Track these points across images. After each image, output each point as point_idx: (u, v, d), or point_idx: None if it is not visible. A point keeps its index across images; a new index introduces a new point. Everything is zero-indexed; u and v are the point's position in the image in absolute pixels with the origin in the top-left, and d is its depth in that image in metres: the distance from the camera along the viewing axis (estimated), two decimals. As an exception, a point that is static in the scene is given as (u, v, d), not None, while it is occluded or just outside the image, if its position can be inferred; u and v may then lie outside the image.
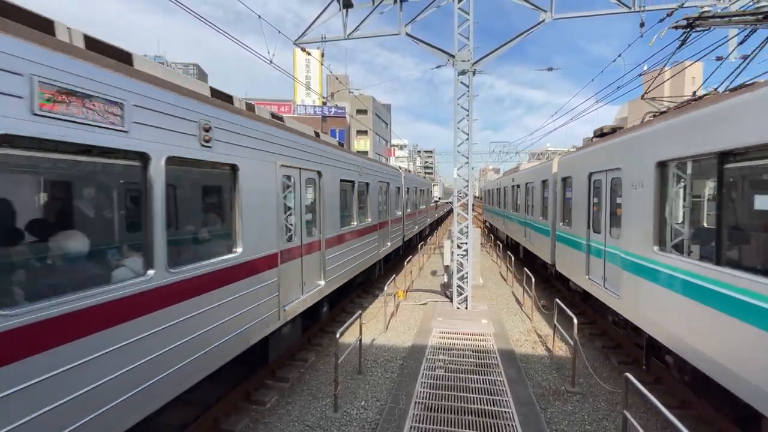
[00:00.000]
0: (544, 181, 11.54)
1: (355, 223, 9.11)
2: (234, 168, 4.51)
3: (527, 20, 8.97)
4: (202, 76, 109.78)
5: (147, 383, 3.27)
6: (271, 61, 8.35)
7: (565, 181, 9.44)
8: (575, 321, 6.03)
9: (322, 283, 7.08)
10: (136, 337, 3.17)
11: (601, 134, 8.19)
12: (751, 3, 7.64)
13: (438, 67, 10.02)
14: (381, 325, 8.69)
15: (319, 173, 6.99)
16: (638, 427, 3.78)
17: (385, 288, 8.97)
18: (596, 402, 5.55)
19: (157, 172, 3.40)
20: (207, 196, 4.55)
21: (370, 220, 10.33)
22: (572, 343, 6.05)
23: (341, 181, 8.09)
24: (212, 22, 6.58)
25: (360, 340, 6.62)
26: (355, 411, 5.34)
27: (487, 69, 10.05)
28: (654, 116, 6.07)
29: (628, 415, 3.96)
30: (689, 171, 4.72)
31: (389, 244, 12.72)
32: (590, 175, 7.72)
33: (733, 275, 3.76)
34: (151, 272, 3.33)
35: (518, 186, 15.52)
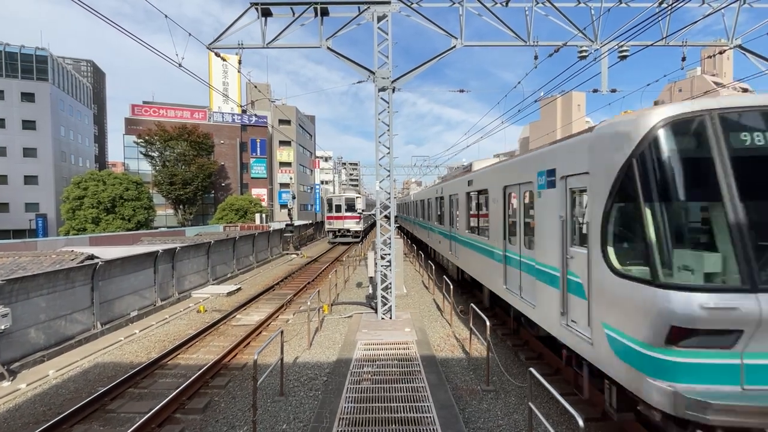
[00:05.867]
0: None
1: None
2: None
3: (444, 45, 9.69)
4: (98, 74, 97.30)
5: None
6: (180, 65, 7.75)
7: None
8: (488, 324, 6.50)
9: None
10: None
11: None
12: (616, 47, 9.22)
13: (359, 82, 10.24)
14: (305, 342, 8.41)
15: None
16: (541, 417, 4.17)
17: (309, 302, 8.73)
18: (507, 397, 6.00)
19: None
20: None
21: None
22: (486, 344, 6.50)
23: None
24: (115, 17, 5.92)
25: (281, 360, 6.32)
26: (276, 436, 5.05)
27: (409, 87, 10.62)
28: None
29: (533, 407, 4.34)
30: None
31: None
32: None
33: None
34: None
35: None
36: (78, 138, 53.29)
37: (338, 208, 30.88)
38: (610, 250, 3.97)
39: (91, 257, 10.85)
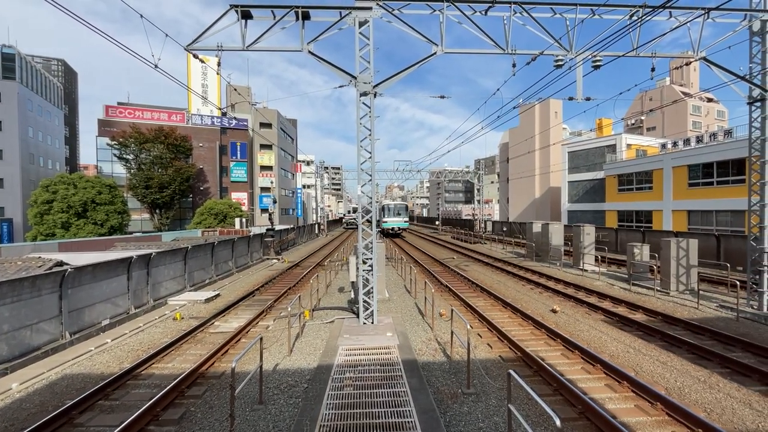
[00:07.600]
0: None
1: None
2: None
3: (426, 51, 9.80)
4: (69, 73, 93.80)
5: None
6: (156, 66, 7.57)
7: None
8: (468, 327, 6.56)
9: None
10: None
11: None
12: (590, 57, 9.55)
13: (341, 86, 10.23)
14: (285, 348, 8.28)
15: None
16: (520, 418, 4.23)
17: (289, 308, 8.60)
18: (488, 400, 6.06)
19: None
20: None
21: None
22: (466, 347, 6.55)
23: None
24: (89, 15, 5.73)
25: (261, 367, 6.20)
26: (255, 445, 4.94)
27: (392, 92, 10.69)
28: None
29: (512, 408, 4.40)
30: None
31: None
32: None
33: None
34: None
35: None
36: (47, 139, 51.15)
37: (354, 210, 50.13)
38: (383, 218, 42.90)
39: (60, 264, 10.40)
